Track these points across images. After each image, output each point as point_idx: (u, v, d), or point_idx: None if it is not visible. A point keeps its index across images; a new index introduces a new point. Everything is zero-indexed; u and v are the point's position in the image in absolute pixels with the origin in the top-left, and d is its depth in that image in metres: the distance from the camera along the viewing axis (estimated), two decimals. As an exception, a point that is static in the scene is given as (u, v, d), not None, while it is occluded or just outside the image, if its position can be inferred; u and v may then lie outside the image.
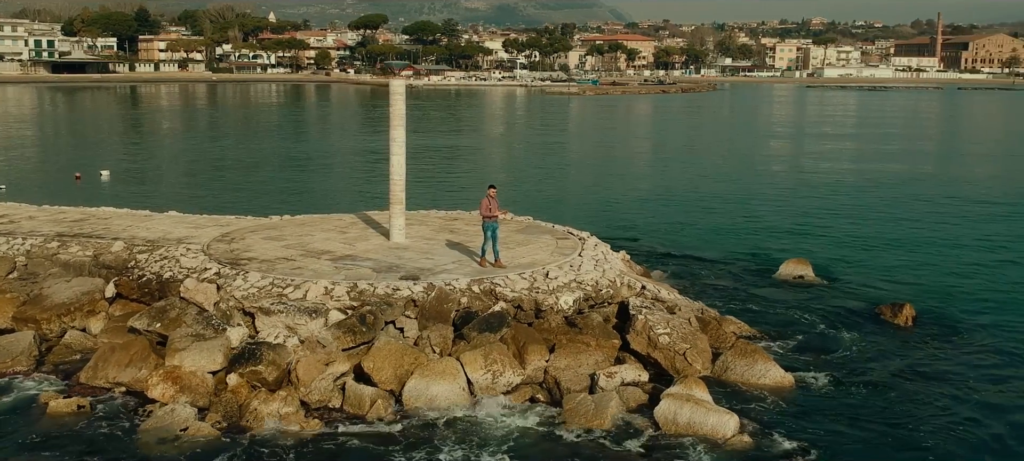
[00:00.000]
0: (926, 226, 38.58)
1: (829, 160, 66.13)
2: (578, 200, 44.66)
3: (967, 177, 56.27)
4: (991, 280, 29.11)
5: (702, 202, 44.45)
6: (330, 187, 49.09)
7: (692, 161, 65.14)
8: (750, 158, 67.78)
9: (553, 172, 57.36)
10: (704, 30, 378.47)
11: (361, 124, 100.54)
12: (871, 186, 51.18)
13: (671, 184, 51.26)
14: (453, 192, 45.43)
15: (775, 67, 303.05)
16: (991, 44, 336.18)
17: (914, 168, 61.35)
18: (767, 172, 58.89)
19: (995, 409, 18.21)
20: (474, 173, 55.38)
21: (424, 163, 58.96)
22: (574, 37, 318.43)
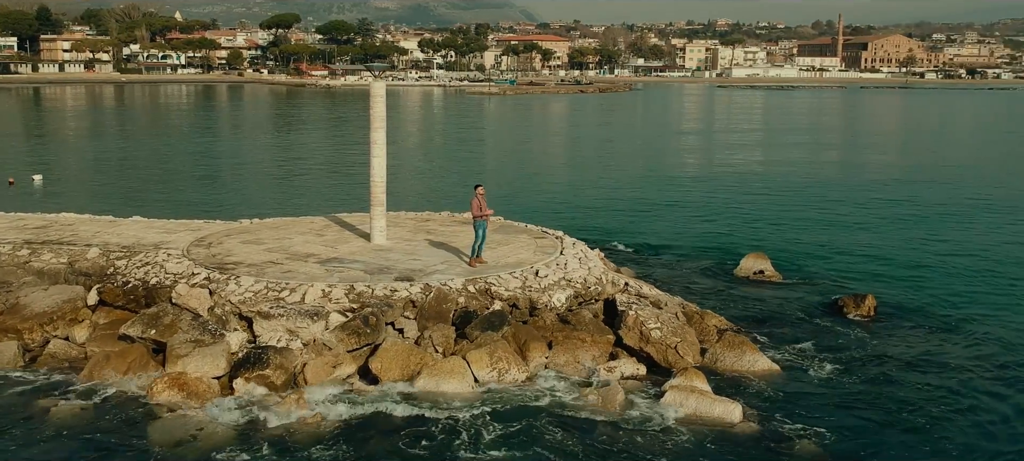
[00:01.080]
0: (868, 218, 40.35)
1: (765, 156, 68.41)
2: (532, 199, 45.10)
3: (895, 170, 58.80)
4: (938, 266, 30.86)
5: (651, 200, 45.49)
6: (287, 189, 48.61)
7: (633, 159, 66.41)
8: (688, 155, 69.61)
9: (500, 172, 57.80)
10: (615, 31, 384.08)
11: (293, 125, 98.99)
12: (811, 181, 53.38)
13: (619, 182, 52.26)
14: (404, 195, 45.41)
15: (685, 67, 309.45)
16: (889, 44, 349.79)
17: (846, 162, 63.98)
18: (709, 169, 60.54)
19: (963, 387, 19.44)
20: (423, 176, 55.45)
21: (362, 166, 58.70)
22: (489, 37, 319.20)
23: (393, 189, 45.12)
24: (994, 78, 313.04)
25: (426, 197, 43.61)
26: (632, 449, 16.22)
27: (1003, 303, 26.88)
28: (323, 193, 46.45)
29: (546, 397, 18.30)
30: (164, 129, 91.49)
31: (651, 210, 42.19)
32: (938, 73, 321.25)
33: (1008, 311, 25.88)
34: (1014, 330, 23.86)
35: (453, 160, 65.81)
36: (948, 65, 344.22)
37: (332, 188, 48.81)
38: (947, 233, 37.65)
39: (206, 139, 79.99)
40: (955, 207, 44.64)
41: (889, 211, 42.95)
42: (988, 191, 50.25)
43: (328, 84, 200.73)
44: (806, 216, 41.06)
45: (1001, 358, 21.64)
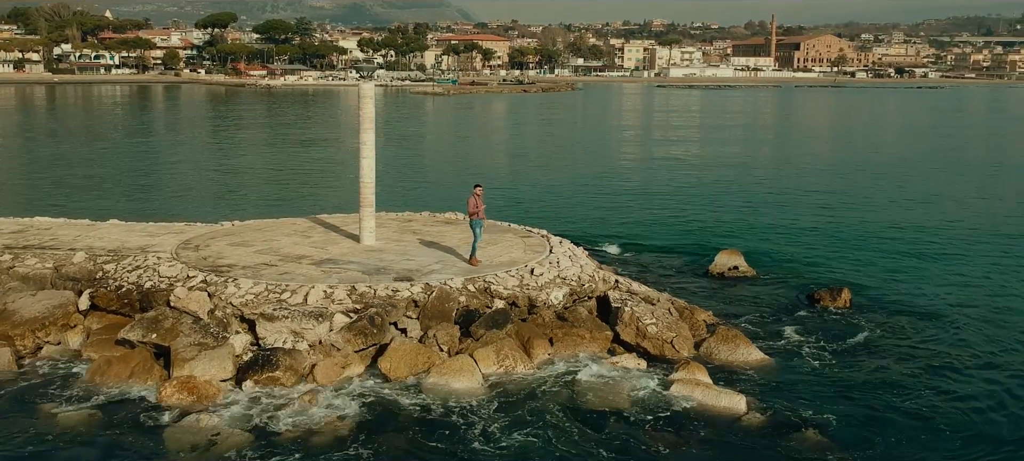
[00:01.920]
0: (829, 212, 41.52)
1: (721, 154, 69.66)
2: (499, 198, 45.22)
3: (847, 165, 60.36)
4: (903, 255, 32.13)
5: (617, 198, 46.10)
6: (256, 191, 48.02)
7: (593, 158, 67.29)
8: (645, 154, 70.60)
9: (462, 172, 57.78)
10: (554, 31, 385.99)
11: (244, 126, 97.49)
12: (769, 178, 54.80)
13: (582, 181, 52.76)
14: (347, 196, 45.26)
15: (624, 67, 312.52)
16: (820, 44, 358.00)
17: (799, 159, 65.49)
18: (668, 167, 61.43)
19: (947, 371, 20.37)
20: (385, 177, 55.23)
21: (323, 166, 58.40)
22: (428, 37, 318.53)
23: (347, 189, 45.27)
24: (922, 77, 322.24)
25: (395, 198, 43.53)
26: (646, 443, 16.57)
27: (967, 286, 28.43)
28: (295, 195, 46.05)
29: (554, 393, 18.58)
30: (112, 131, 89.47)
31: (618, 208, 42.74)
32: (868, 72, 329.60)
33: (973, 293, 27.45)
34: (983, 311, 25.38)
35: (414, 160, 65.68)
36: (877, 64, 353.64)
37: (303, 190, 48.37)
38: (906, 224, 39.16)
39: (159, 140, 78.71)
40: (909, 199, 46.46)
41: (848, 204, 44.48)
42: (940, 183, 52.02)
43: (268, 84, 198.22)
44: (770, 212, 42.05)
45: (974, 339, 22.90)
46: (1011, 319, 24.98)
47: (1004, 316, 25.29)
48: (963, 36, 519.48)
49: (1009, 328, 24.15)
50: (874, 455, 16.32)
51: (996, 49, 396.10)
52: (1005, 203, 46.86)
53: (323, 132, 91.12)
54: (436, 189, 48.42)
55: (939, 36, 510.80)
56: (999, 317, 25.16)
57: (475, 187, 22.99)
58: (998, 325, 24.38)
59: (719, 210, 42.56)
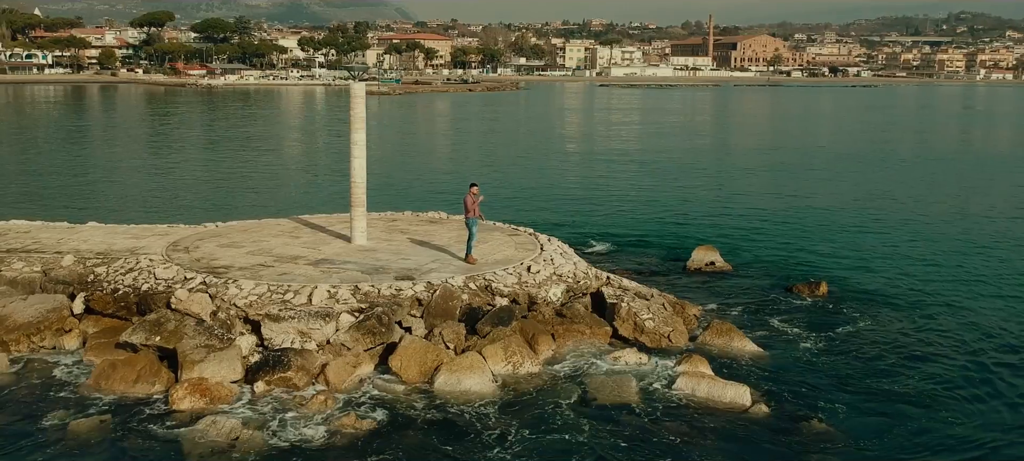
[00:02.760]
0: (794, 206, 42.50)
1: (680, 151, 70.61)
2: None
3: (804, 159, 61.80)
4: (872, 247, 33.06)
5: (583, 195, 46.60)
6: (229, 192, 47.24)
7: (555, 155, 67.74)
8: (605, 150, 71.31)
9: (428, 170, 57.79)
10: (495, 30, 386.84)
11: (196, 126, 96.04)
12: (731, 173, 55.86)
13: (547, 178, 53.21)
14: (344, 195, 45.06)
15: (565, 67, 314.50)
16: (756, 44, 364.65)
17: (754, 155, 66.66)
18: (630, 164, 62.27)
19: (934, 358, 21.16)
20: (339, 176, 55.04)
21: (292, 167, 57.82)
22: (369, 35, 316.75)
23: (339, 189, 45.18)
24: (855, 76, 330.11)
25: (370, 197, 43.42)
26: (661, 436, 16.85)
27: (935, 273, 29.90)
28: (271, 196, 45.49)
29: (564, 389, 18.83)
30: (61, 132, 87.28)
31: (587, 206, 43.13)
32: (803, 71, 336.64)
33: (941, 280, 28.93)
34: (952, 296, 26.82)
35: (379, 161, 65.10)
36: (812, 64, 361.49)
37: (277, 191, 47.79)
38: (871, 216, 40.63)
39: (115, 141, 76.94)
40: (870, 192, 48.02)
41: (812, 199, 45.77)
42: (895, 176, 53.59)
43: (209, 84, 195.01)
44: (738, 208, 42.85)
45: (951, 323, 24.12)
46: (979, 301, 26.51)
47: (973, 300, 26.70)
48: (892, 36, 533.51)
49: (979, 310, 25.52)
50: (879, 442, 16.90)
51: (924, 49, 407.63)
52: (957, 192, 49.01)
53: (281, 132, 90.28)
54: (406, 188, 48.34)
55: (869, 36, 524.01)
56: (969, 301, 26.59)
57: (471, 186, 23.18)
58: (969, 309, 25.69)
59: (687, 207, 43.28)
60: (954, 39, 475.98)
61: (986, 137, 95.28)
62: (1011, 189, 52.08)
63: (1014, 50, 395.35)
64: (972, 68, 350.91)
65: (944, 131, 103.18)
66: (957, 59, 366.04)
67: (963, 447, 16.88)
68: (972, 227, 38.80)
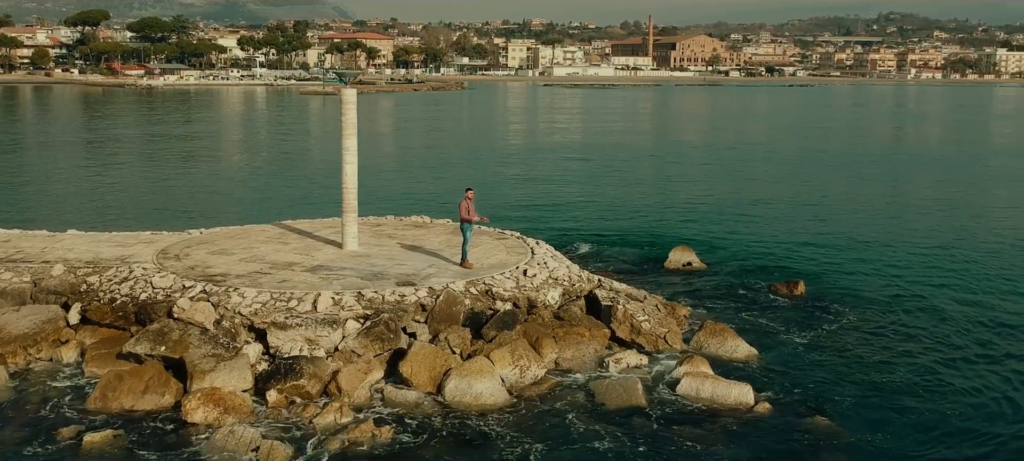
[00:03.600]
0: (764, 207, 43.49)
1: (639, 151, 71.42)
2: (437, 199, 45.45)
3: (761, 159, 63.05)
4: (841, 246, 34.19)
5: (551, 196, 46.97)
6: (205, 198, 46.44)
7: (513, 157, 68.06)
8: (562, 151, 71.74)
9: (394, 172, 57.58)
10: (437, 30, 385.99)
11: (147, 128, 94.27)
12: (700, 174, 56.81)
13: (509, 180, 53.49)
14: (316, 201, 44.80)
15: (508, 66, 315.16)
16: (695, 44, 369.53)
17: (716, 156, 67.80)
18: (595, 164, 62.93)
19: (921, 353, 22.02)
20: (306, 180, 54.65)
21: (260, 171, 57.10)
22: (308, 34, 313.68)
23: (315, 193, 44.90)
24: (791, 75, 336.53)
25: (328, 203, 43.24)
26: (672, 439, 17.15)
27: (904, 269, 31.18)
28: (248, 200, 44.88)
29: (573, 392, 19.14)
30: (7, 136, 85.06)
31: (555, 208, 43.52)
32: (741, 71, 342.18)
33: (911, 275, 30.27)
34: (924, 289, 28.26)
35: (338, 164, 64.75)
36: (749, 63, 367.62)
37: (252, 195, 47.21)
38: (835, 215, 42.03)
39: (67, 146, 75.14)
40: (829, 191, 49.66)
41: (776, 199, 46.97)
42: (850, 174, 55.07)
43: (149, 84, 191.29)
44: (707, 208, 43.74)
45: (927, 317, 25.24)
46: (948, 293, 28.10)
47: (942, 291, 28.15)
48: (825, 36, 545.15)
49: (951, 302, 26.89)
50: (881, 435, 17.53)
51: (856, 49, 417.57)
52: (909, 188, 50.95)
53: (241, 134, 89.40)
54: (377, 191, 47.93)
55: (803, 36, 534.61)
56: (938, 293, 28.03)
57: (466, 191, 23.36)
58: (940, 301, 27.02)
59: (657, 208, 44.03)
60: (884, 39, 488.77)
61: (929, 135, 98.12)
62: (958, 183, 53.93)
63: (942, 50, 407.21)
64: (903, 67, 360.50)
65: (887, 129, 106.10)
66: (888, 59, 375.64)
67: (961, 435, 17.63)
68: (929, 221, 40.79)
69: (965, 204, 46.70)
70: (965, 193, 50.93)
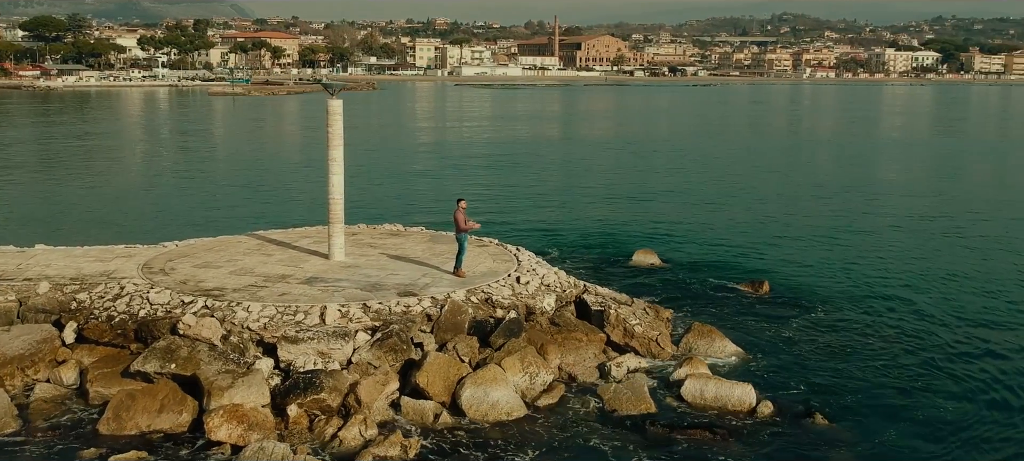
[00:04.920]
0: (714, 208, 44.85)
1: (571, 150, 72.33)
2: (394, 204, 45.34)
3: (697, 159, 64.71)
4: (797, 244, 35.69)
5: (505, 196, 47.42)
6: (162, 207, 45.22)
7: (448, 157, 68.23)
8: (496, 154, 72.09)
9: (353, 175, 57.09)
10: (341, 28, 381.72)
11: (64, 132, 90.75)
12: (641, 171, 58.13)
13: (451, 179, 53.68)
14: (264, 210, 44.15)
15: (416, 66, 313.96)
16: (600, 44, 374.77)
17: (654, 157, 69.28)
18: (533, 166, 63.61)
19: (889, 342, 23.27)
20: (263, 188, 53.75)
21: (205, 178, 55.80)
22: (209, 33, 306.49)
23: (274, 202, 44.20)
24: (693, 75, 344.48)
25: (294, 210, 42.85)
26: (686, 441, 17.69)
27: (861, 264, 32.87)
28: (210, 210, 43.67)
29: (583, 397, 19.60)
30: None
31: (510, 213, 43.93)
32: (645, 71, 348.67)
33: (868, 269, 31.97)
34: (883, 286, 29.82)
35: (284, 169, 63.72)
36: (652, 63, 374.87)
37: (212, 205, 45.94)
38: (786, 213, 44.02)
39: None
40: (772, 189, 51.44)
41: (724, 199, 48.63)
42: (786, 170, 57.15)
43: (46, 85, 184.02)
44: (654, 206, 45.03)
45: (899, 309, 26.86)
46: (898, 280, 30.47)
47: (895, 285, 29.98)
48: (722, 36, 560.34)
49: (907, 294, 28.79)
50: (877, 428, 18.57)
51: (753, 49, 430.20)
52: (839, 180, 53.26)
53: (170, 139, 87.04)
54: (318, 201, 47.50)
55: (701, 36, 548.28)
56: (892, 281, 30.23)
57: (459, 202, 23.64)
58: (896, 290, 29.03)
59: (608, 209, 44.85)
60: (779, 39, 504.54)
61: (842, 130, 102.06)
62: (871, 173, 56.62)
63: (834, 50, 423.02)
64: (799, 67, 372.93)
65: (801, 126, 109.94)
66: (785, 59, 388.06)
67: (952, 428, 18.78)
68: (862, 211, 43.64)
69: (884, 192, 50.03)
70: (879, 182, 53.89)
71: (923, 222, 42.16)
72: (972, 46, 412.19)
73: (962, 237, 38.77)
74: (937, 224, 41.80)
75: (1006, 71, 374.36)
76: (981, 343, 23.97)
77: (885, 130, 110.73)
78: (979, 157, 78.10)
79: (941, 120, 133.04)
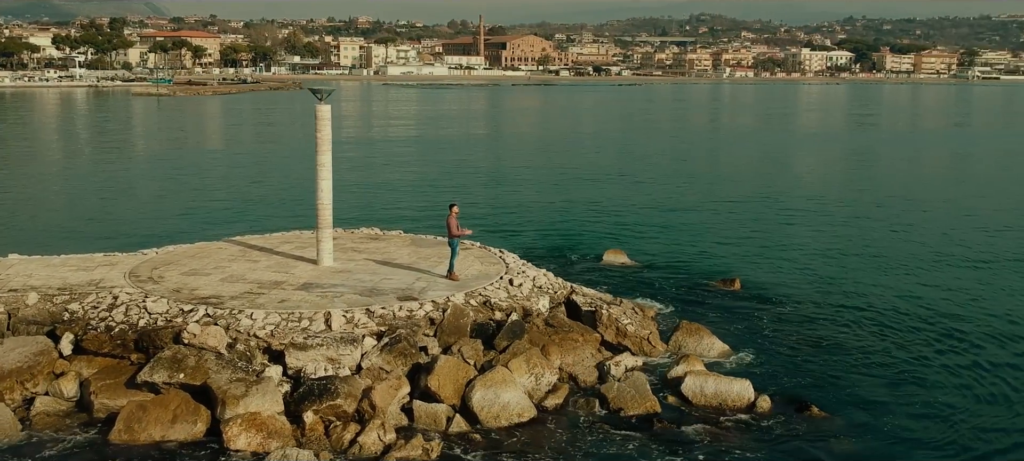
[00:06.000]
0: (674, 206, 45.77)
1: (519, 151, 72.67)
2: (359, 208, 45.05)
3: (654, 160, 65.74)
4: (763, 241, 36.74)
5: (460, 199, 47.40)
6: (127, 212, 44.09)
7: (392, 157, 67.87)
8: (441, 155, 72.19)
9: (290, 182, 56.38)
10: (261, 27, 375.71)
11: None
12: (591, 172, 58.78)
13: (403, 182, 53.60)
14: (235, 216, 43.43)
15: (341, 65, 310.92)
16: (525, 44, 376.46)
17: (610, 158, 70.11)
18: (493, 169, 63.81)
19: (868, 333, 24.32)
20: (227, 192, 52.78)
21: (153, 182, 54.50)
22: (125, 32, 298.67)
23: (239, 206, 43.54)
24: (618, 75, 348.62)
25: (252, 217, 42.31)
26: (695, 437, 18.19)
27: (825, 258, 34.33)
28: (179, 216, 42.47)
29: (587, 399, 19.84)
30: None
31: (465, 214, 44.00)
32: (570, 71, 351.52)
33: (835, 264, 33.48)
34: (847, 278, 31.26)
35: (244, 172, 62.58)
36: (576, 63, 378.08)
37: (179, 210, 44.69)
38: (750, 210, 45.27)
39: None
40: (735, 187, 52.75)
41: (673, 194, 49.86)
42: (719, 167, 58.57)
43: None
44: (614, 206, 45.65)
45: (863, 306, 27.85)
46: (862, 270, 32.13)
47: (856, 271, 31.73)
48: (643, 36, 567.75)
49: (869, 278, 30.72)
50: (870, 415, 19.45)
51: (674, 49, 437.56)
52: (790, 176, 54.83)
53: (105, 140, 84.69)
54: (287, 203, 47.01)
55: (622, 36, 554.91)
56: (856, 273, 31.63)
57: (451, 207, 23.84)
58: (861, 284, 30.23)
59: (569, 210, 45.35)
60: (697, 39, 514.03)
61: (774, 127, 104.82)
62: (811, 168, 58.52)
63: (751, 49, 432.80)
64: (718, 67, 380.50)
65: (732, 124, 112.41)
66: (705, 59, 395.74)
67: (940, 416, 19.75)
68: (814, 210, 45.11)
69: (823, 186, 52.02)
70: (816, 176, 55.75)
71: (862, 210, 44.98)
72: (883, 46, 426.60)
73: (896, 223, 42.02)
74: (874, 212, 44.88)
75: (915, 70, 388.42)
76: (944, 324, 25.77)
77: (811, 126, 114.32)
78: (894, 150, 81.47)
79: (857, 116, 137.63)
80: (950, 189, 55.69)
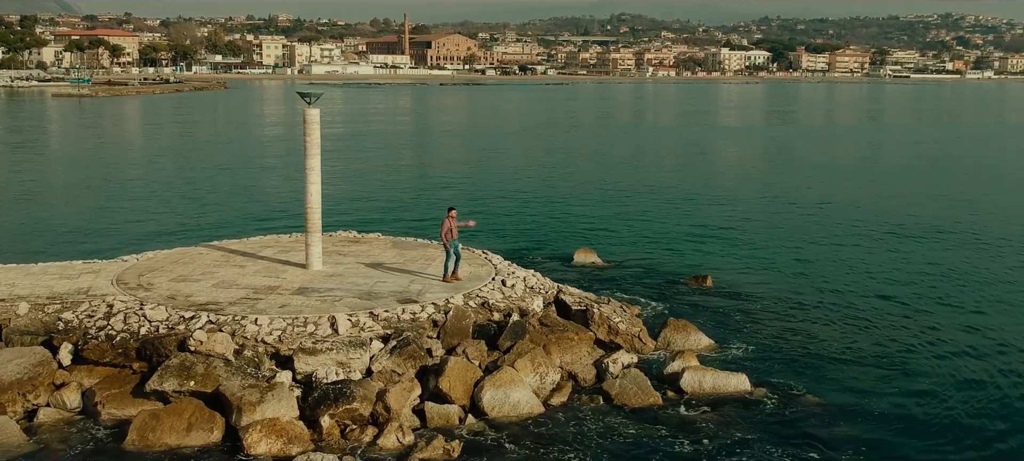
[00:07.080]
0: (637, 206, 46.46)
1: (473, 154, 72.70)
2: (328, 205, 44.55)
3: (611, 160, 66.47)
4: (729, 239, 37.63)
5: (413, 198, 47.54)
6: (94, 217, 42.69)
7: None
8: (405, 156, 71.86)
9: (238, 185, 55.46)
10: (179, 25, 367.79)
11: None
12: (544, 169, 59.02)
13: (374, 183, 53.35)
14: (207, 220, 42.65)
15: (264, 64, 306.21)
16: (450, 43, 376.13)
17: (560, 158, 70.51)
18: (443, 169, 63.65)
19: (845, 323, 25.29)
20: (186, 196, 51.62)
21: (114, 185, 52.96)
22: (37, 30, 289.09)
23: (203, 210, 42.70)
24: (543, 74, 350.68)
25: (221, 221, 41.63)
26: (700, 429, 18.74)
27: (790, 253, 35.64)
28: (150, 220, 41.43)
29: (590, 397, 20.24)
30: None
31: (427, 216, 44.19)
32: (497, 70, 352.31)
33: (800, 258, 34.63)
34: (815, 271, 32.58)
35: (201, 175, 61.11)
36: (501, 62, 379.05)
37: (146, 214, 43.71)
38: (687, 204, 46.63)
39: None
40: (693, 187, 53.58)
41: (647, 198, 50.39)
42: (667, 163, 59.69)
43: None
44: (577, 205, 46.25)
45: (845, 294, 29.19)
46: (827, 260, 33.90)
47: (822, 262, 33.39)
48: (565, 35, 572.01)
49: (834, 267, 32.46)
50: (862, 399, 20.36)
51: (596, 48, 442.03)
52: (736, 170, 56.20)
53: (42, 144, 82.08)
54: (244, 208, 46.30)
55: (545, 35, 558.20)
56: (822, 263, 33.31)
57: (449, 211, 24.04)
58: (828, 274, 31.74)
59: (526, 212, 45.70)
60: (619, 39, 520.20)
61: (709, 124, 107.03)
62: (754, 163, 60.16)
63: (672, 49, 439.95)
64: (641, 66, 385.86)
65: (669, 123, 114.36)
66: (628, 58, 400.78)
67: (923, 393, 20.75)
68: (775, 201, 46.47)
69: (772, 180, 53.45)
70: (758, 170, 57.27)
71: (810, 201, 46.96)
72: (798, 45, 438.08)
73: (846, 214, 43.97)
74: (824, 204, 46.76)
75: (830, 69, 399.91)
76: (908, 306, 27.66)
77: (740, 122, 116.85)
78: (827, 144, 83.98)
79: (781, 114, 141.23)
80: (888, 180, 57.99)
